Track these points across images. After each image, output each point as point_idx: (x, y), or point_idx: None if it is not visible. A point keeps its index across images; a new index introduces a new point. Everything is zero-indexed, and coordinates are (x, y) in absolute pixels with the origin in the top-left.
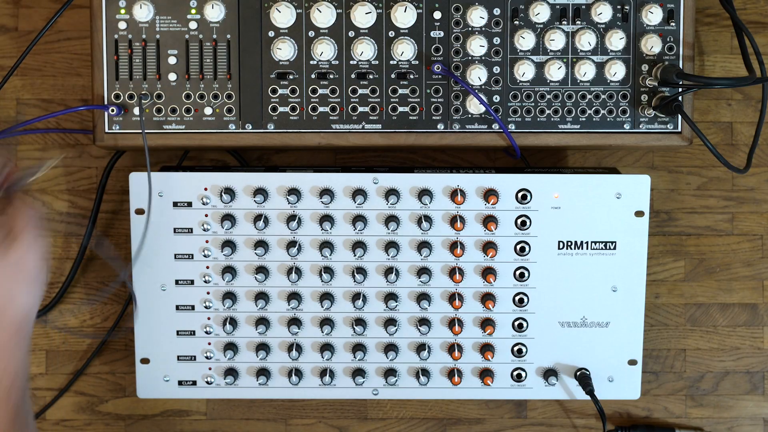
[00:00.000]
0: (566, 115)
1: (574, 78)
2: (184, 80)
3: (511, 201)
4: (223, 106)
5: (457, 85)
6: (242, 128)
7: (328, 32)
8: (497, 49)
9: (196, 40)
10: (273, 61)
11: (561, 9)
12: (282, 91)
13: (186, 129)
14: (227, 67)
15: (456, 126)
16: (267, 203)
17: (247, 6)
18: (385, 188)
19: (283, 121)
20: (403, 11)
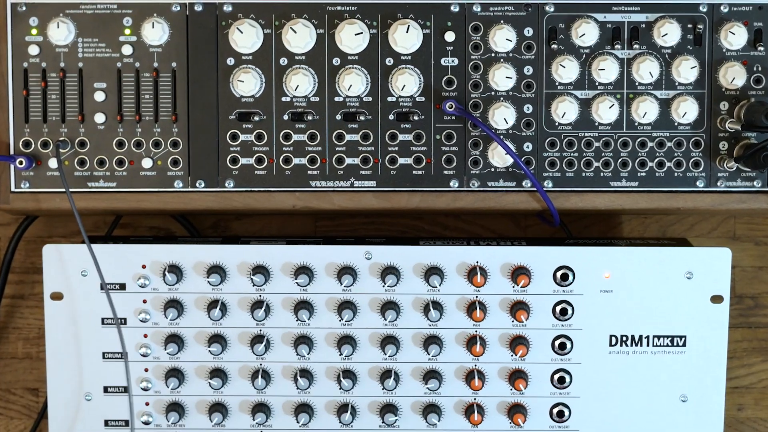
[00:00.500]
0: (620, 169)
1: (630, 120)
2: (115, 122)
3: (548, 282)
4: (167, 156)
5: (477, 129)
6: (192, 186)
7: (305, 59)
8: (529, 81)
9: (131, 70)
10: (233, 97)
11: (613, 29)
12: (245, 136)
13: (118, 187)
14: (172, 105)
15: (475, 183)
16: (225, 285)
17: (198, 25)
18: (380, 265)
19: (246, 176)
20: (405, 32)
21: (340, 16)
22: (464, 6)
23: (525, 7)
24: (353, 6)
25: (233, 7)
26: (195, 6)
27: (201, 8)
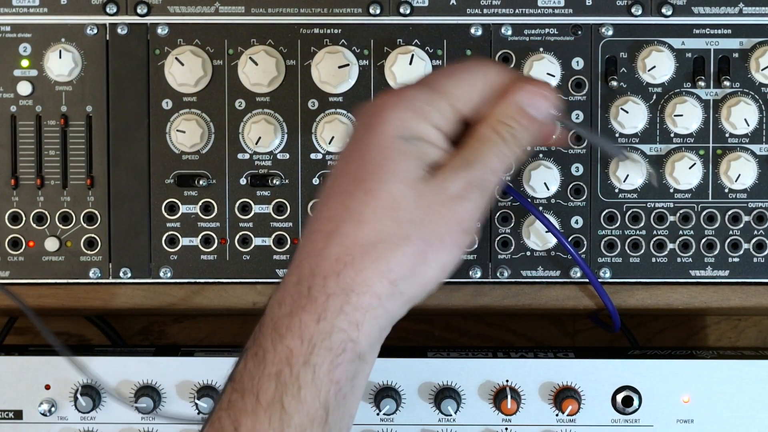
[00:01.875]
0: (704, 253)
1: (718, 185)
2: (7, 189)
3: (605, 408)
4: (80, 235)
5: (507, 198)
6: (114, 276)
7: (270, 101)
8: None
9: (29, 116)
10: (170, 153)
11: (695, 59)
12: (187, 208)
13: (11, 278)
14: (87, 165)
15: (504, 272)
16: (160, 412)
17: (122, 54)
18: (374, 385)
19: (188, 263)
20: (407, 63)
21: (319, 42)
22: (489, 28)
23: (573, 29)
24: (337, 28)
25: (170, 29)
26: (118, 28)
27: (126, 31)
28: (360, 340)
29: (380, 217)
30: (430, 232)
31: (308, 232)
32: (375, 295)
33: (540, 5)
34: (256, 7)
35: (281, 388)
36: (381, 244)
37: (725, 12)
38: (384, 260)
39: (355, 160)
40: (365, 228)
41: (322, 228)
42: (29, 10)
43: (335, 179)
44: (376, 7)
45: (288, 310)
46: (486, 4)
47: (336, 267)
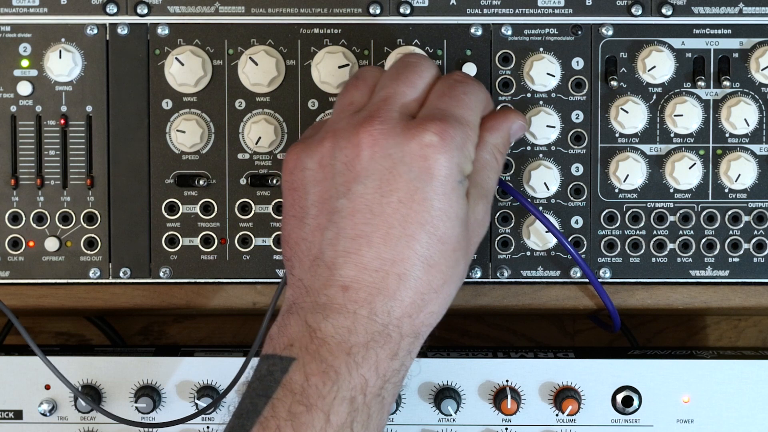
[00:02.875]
0: (704, 252)
1: (718, 185)
2: (8, 188)
3: (605, 409)
4: (80, 235)
5: (507, 198)
6: (114, 276)
7: (270, 101)
8: (578, 132)
9: (29, 116)
10: (170, 153)
11: (695, 59)
12: (187, 208)
13: (11, 278)
14: (87, 165)
15: (504, 272)
16: (160, 412)
17: (123, 54)
18: None
19: (188, 263)
20: None
21: (319, 42)
22: (489, 28)
23: (573, 29)
24: (336, 28)
25: (170, 29)
26: (118, 28)
27: (126, 31)
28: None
29: (447, 259)
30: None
31: (366, 269)
32: (431, 329)
33: (540, 5)
34: (256, 7)
35: (353, 414)
36: (447, 285)
37: (725, 12)
38: (447, 300)
39: (413, 204)
40: (434, 272)
41: (389, 269)
42: (29, 10)
43: (383, 217)
44: (376, 7)
45: (363, 341)
46: (486, 4)
47: (410, 310)
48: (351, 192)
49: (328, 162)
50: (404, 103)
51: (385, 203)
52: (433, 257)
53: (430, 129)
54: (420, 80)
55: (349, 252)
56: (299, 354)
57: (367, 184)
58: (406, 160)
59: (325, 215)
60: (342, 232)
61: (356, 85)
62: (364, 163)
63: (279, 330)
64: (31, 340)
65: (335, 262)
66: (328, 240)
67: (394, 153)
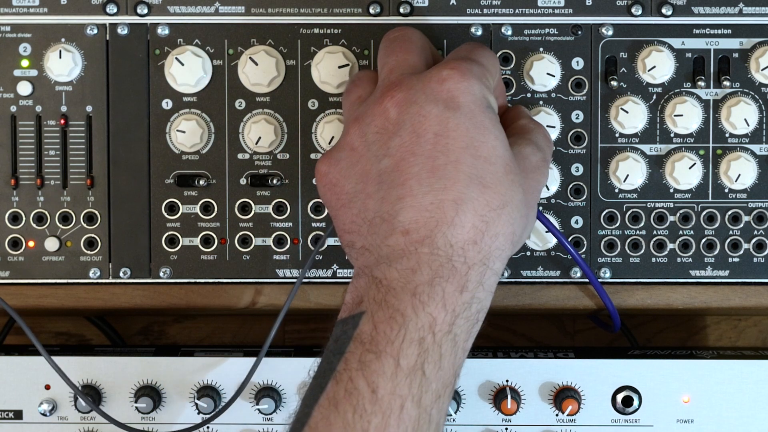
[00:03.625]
0: (704, 252)
1: (718, 185)
2: (8, 188)
3: (605, 408)
4: (80, 235)
5: None
6: (114, 276)
7: (270, 101)
8: (578, 132)
9: (29, 116)
10: (171, 153)
11: (695, 59)
12: (187, 208)
13: (11, 278)
14: (87, 165)
15: (504, 272)
16: (160, 413)
17: (123, 54)
18: None
19: (188, 263)
20: None
21: (319, 43)
22: (489, 28)
23: (573, 29)
24: (337, 28)
25: (171, 29)
26: (118, 28)
27: (126, 31)
28: (489, 306)
29: (501, 180)
30: (531, 196)
31: (422, 205)
32: (504, 260)
33: (540, 5)
34: (256, 7)
35: (423, 355)
36: (507, 207)
37: (725, 12)
38: (511, 224)
39: (449, 132)
40: (491, 192)
41: (443, 197)
42: (29, 10)
43: (425, 154)
44: (376, 7)
45: (428, 278)
46: (486, 4)
47: (472, 235)
48: (389, 149)
49: (360, 143)
50: (410, 65)
51: (423, 142)
52: (485, 177)
53: (446, 67)
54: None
55: (402, 197)
56: (368, 306)
57: (402, 135)
58: (431, 98)
59: (371, 184)
60: (392, 184)
61: (356, 83)
62: (394, 120)
63: (350, 294)
64: (35, 338)
65: (391, 212)
66: (379, 198)
67: (418, 98)
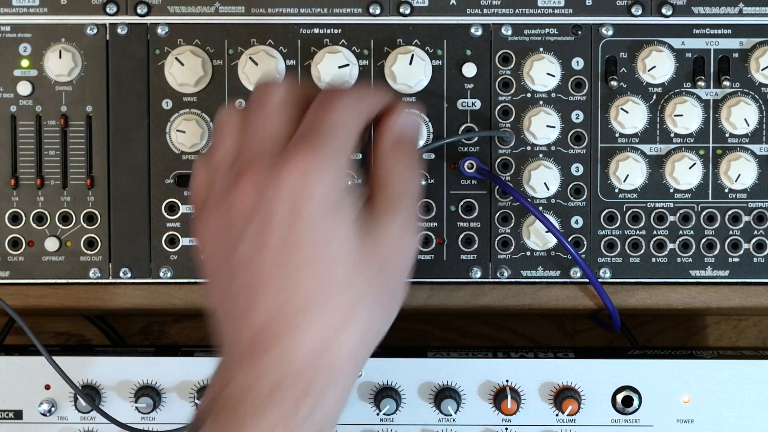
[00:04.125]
0: (704, 253)
1: (718, 185)
2: (8, 188)
3: (605, 409)
4: (80, 235)
5: (507, 198)
6: (114, 276)
7: None
8: (578, 132)
9: (29, 116)
10: (170, 153)
11: (695, 59)
12: (187, 208)
13: (11, 278)
14: (87, 164)
15: (504, 272)
16: (160, 412)
17: (122, 54)
18: (374, 385)
19: (188, 263)
20: (407, 63)
21: (319, 43)
22: (489, 28)
23: (573, 29)
24: (337, 28)
25: (170, 29)
26: (118, 28)
27: (126, 31)
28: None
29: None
30: (393, 280)
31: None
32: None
33: (540, 5)
34: (256, 7)
35: None
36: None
37: (725, 12)
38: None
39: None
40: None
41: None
42: (29, 10)
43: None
44: (376, 7)
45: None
46: (486, 4)
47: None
48: (243, 240)
49: (221, 223)
50: (268, 135)
51: (269, 242)
52: (329, 282)
53: (295, 155)
54: (271, 108)
55: (249, 300)
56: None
57: (251, 229)
58: (278, 194)
59: (226, 268)
60: (241, 280)
61: (218, 143)
62: (247, 209)
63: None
64: (36, 339)
65: (244, 311)
66: (233, 293)
67: (267, 191)
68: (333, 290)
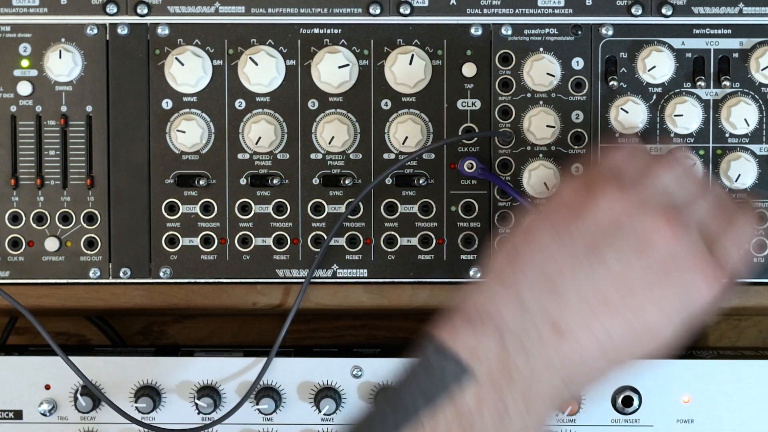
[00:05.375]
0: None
1: (718, 185)
2: (8, 188)
3: (604, 409)
4: (80, 235)
5: (507, 198)
6: (114, 276)
7: (270, 101)
8: (578, 132)
9: (29, 116)
10: (171, 153)
11: (695, 59)
12: (187, 208)
13: (11, 278)
14: (87, 164)
15: None
16: (160, 413)
17: (123, 54)
18: (374, 386)
19: (188, 263)
20: (407, 63)
21: (319, 43)
22: (489, 28)
23: (573, 29)
24: (337, 28)
25: (171, 29)
26: (118, 28)
27: (126, 31)
28: None
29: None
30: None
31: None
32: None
33: (540, 5)
34: (256, 7)
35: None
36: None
37: (725, 12)
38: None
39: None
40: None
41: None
42: (29, 10)
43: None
44: (376, 7)
45: (544, 394)
46: (486, 4)
47: (584, 384)
48: (627, 260)
49: (623, 219)
50: (708, 233)
51: (645, 290)
52: (630, 354)
53: (717, 275)
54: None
55: (587, 303)
56: (481, 373)
57: (643, 266)
58: (686, 277)
59: (587, 254)
60: (594, 281)
61: (682, 183)
62: (652, 247)
63: (468, 326)
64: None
65: (567, 300)
66: (573, 274)
67: (681, 260)
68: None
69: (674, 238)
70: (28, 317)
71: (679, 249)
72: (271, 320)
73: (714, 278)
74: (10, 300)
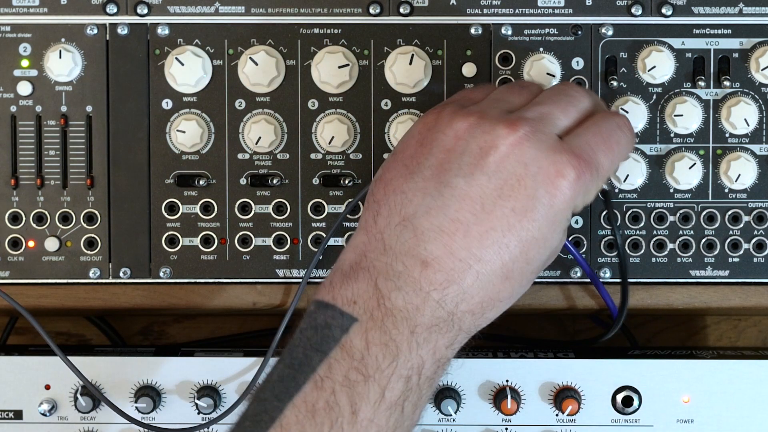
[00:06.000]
0: (704, 253)
1: (718, 185)
2: (8, 188)
3: (605, 409)
4: (80, 235)
5: None
6: (114, 276)
7: (270, 101)
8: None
9: (29, 116)
10: (171, 153)
11: (695, 59)
12: (187, 208)
13: (12, 278)
14: (87, 164)
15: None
16: (160, 413)
17: (123, 54)
18: None
19: (188, 263)
20: (407, 63)
21: (319, 43)
22: (489, 28)
23: (573, 29)
24: (336, 28)
25: (171, 29)
26: (118, 28)
27: (126, 31)
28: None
29: (522, 278)
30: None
31: (453, 254)
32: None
33: (540, 5)
34: (256, 7)
35: (406, 393)
36: (509, 300)
37: (725, 12)
38: (501, 312)
39: (524, 219)
40: (508, 285)
41: (472, 264)
42: (29, 10)
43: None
44: (376, 7)
45: (428, 323)
46: (486, 4)
47: (475, 309)
48: (472, 177)
49: (465, 137)
50: (556, 125)
51: (498, 205)
52: (513, 272)
53: (572, 163)
54: (575, 111)
55: (442, 230)
56: (362, 317)
57: (491, 179)
58: (538, 178)
59: (435, 183)
60: (445, 208)
61: (519, 92)
62: (498, 158)
63: (343, 279)
64: (48, 337)
65: (425, 233)
66: (426, 207)
67: (530, 165)
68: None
69: (517, 142)
70: (28, 317)
71: (526, 151)
72: (271, 320)
73: (572, 170)
74: (10, 300)
